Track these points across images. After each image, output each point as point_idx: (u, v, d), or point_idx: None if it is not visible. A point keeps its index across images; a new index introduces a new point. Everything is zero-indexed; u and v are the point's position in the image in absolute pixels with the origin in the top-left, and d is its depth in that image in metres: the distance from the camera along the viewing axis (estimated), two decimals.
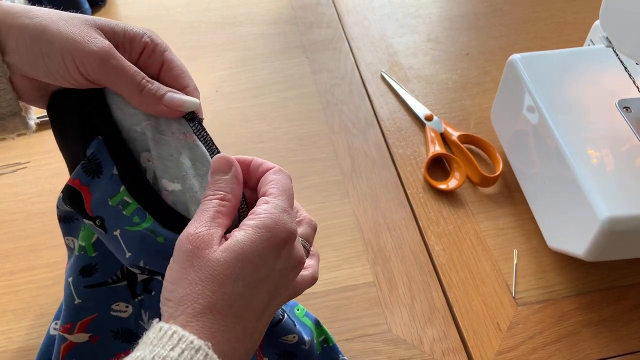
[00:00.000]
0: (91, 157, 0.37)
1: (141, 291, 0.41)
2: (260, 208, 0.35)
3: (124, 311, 0.41)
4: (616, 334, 0.54)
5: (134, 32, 0.38)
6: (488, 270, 0.59)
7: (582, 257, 0.52)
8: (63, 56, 0.35)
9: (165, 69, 0.39)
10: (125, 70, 0.36)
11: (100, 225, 0.37)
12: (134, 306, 0.42)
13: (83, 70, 0.35)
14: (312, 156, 0.69)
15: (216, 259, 0.32)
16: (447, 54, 0.83)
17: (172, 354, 0.29)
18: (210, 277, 0.32)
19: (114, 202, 0.37)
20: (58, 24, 0.35)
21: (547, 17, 0.89)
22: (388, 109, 0.75)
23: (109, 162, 0.37)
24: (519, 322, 0.55)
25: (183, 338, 0.30)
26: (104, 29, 0.36)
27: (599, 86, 0.60)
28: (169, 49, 0.40)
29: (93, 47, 0.35)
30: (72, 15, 0.36)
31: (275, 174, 0.38)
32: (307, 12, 0.90)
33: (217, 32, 0.86)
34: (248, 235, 0.33)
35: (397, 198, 0.65)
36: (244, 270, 0.32)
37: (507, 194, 0.65)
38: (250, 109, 0.75)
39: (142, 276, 0.41)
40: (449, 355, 0.53)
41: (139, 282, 0.41)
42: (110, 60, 0.35)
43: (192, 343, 0.30)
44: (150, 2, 0.91)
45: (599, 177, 0.52)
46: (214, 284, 0.32)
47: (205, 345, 0.30)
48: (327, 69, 0.80)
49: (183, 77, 0.39)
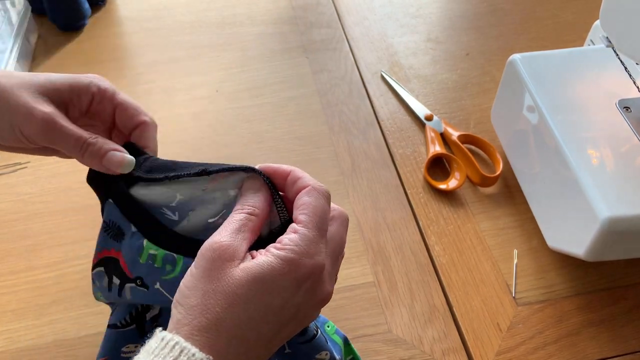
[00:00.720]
0: (109, 222, 0.38)
1: (150, 328, 0.41)
2: (288, 238, 0.34)
3: (133, 351, 0.41)
4: (616, 334, 0.54)
5: (79, 85, 0.39)
6: (488, 270, 0.59)
7: (582, 257, 0.52)
8: (12, 126, 0.36)
9: (119, 111, 0.40)
10: (68, 136, 0.37)
11: (142, 284, 0.38)
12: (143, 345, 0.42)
13: (30, 138, 0.37)
14: (312, 156, 0.69)
15: (233, 275, 0.32)
16: (447, 54, 0.83)
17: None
18: (223, 292, 0.31)
19: (144, 258, 0.37)
20: (5, 93, 0.36)
21: (547, 17, 0.89)
22: (388, 109, 0.75)
23: (125, 222, 0.38)
24: (519, 322, 0.55)
25: (185, 350, 0.29)
26: (47, 91, 0.37)
27: (599, 86, 0.60)
28: (118, 92, 0.41)
29: (36, 116, 0.36)
30: (18, 80, 0.37)
31: (309, 195, 0.36)
32: (307, 12, 0.90)
33: (217, 32, 0.86)
34: (269, 262, 0.32)
35: (397, 198, 0.65)
36: (257, 295, 0.31)
37: (507, 194, 0.66)
38: (250, 109, 0.75)
39: (150, 313, 0.41)
40: (449, 355, 0.53)
41: (148, 320, 0.41)
42: (52, 127, 0.36)
43: (193, 356, 0.29)
44: (150, 2, 0.91)
45: (599, 177, 0.52)
46: (225, 301, 0.31)
47: (207, 359, 0.30)
48: (327, 69, 0.80)
49: (137, 114, 0.40)
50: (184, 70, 0.80)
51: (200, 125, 0.72)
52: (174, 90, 0.77)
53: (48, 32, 0.85)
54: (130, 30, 0.86)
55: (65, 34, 0.85)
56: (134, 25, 0.87)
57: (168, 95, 0.76)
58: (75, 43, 0.84)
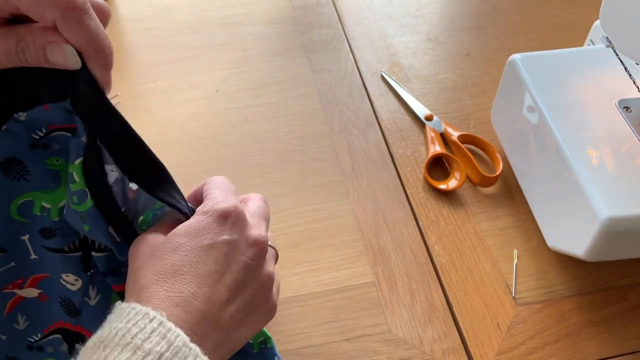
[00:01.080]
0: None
1: (94, 265, 0.40)
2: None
3: (73, 284, 0.40)
4: (616, 334, 0.54)
5: None
6: (488, 270, 0.59)
7: (582, 257, 0.52)
8: None
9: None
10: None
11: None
12: (83, 280, 0.41)
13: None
14: (312, 156, 0.69)
15: (156, 243, 0.35)
16: (447, 54, 0.83)
17: (127, 325, 0.29)
18: (151, 256, 0.34)
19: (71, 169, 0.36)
20: None
21: (547, 17, 0.89)
22: (388, 109, 0.75)
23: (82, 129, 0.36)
24: (519, 322, 0.55)
25: (139, 311, 0.30)
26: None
27: (599, 86, 0.60)
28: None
29: None
30: None
31: (209, 180, 0.40)
32: (307, 12, 0.90)
33: (217, 32, 0.86)
34: (188, 221, 0.36)
35: (397, 198, 0.65)
36: (181, 241, 0.34)
37: (507, 194, 0.66)
38: (250, 109, 0.75)
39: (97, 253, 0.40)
40: (449, 355, 0.53)
41: (93, 257, 0.40)
42: None
43: (147, 314, 0.30)
44: (150, 2, 0.91)
45: (599, 177, 0.52)
46: (155, 260, 0.33)
47: (159, 314, 0.30)
48: (327, 69, 0.80)
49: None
50: (184, 70, 0.80)
51: (200, 125, 0.72)
52: (174, 91, 0.77)
53: None
54: (130, 30, 0.86)
55: None
56: (133, 25, 0.87)
57: (168, 96, 0.76)
58: None
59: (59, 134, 0.37)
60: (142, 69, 0.80)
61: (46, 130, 0.37)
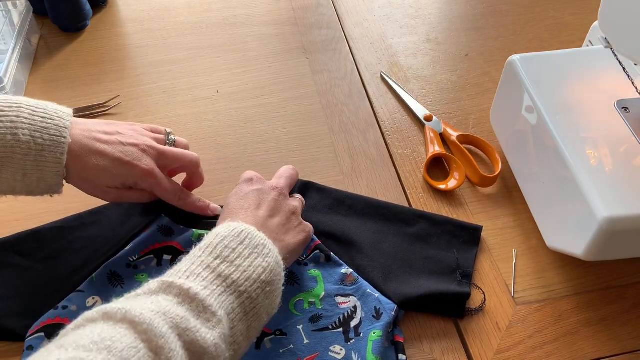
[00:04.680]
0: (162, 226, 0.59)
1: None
2: None
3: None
4: (614, 334, 0.55)
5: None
6: (487, 269, 0.59)
7: (580, 256, 0.53)
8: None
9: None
10: (165, 183, 0.56)
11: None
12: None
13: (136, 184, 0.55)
14: (312, 156, 0.70)
15: (228, 207, 0.53)
16: (447, 55, 0.83)
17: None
18: (226, 211, 0.53)
19: (195, 237, 0.59)
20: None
21: (546, 18, 0.89)
22: (388, 109, 0.75)
23: (175, 225, 0.59)
24: (518, 321, 0.55)
25: (238, 227, 0.47)
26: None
27: (598, 87, 0.61)
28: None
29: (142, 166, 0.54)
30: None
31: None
32: (307, 13, 0.90)
33: (218, 33, 0.86)
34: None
35: (397, 198, 0.65)
36: (230, 200, 0.54)
37: (506, 194, 0.66)
38: (251, 110, 0.75)
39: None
40: (448, 354, 0.53)
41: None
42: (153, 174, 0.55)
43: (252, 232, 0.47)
44: (151, 3, 0.91)
45: (598, 177, 0.52)
46: (226, 210, 0.53)
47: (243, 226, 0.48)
48: (327, 70, 0.81)
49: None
50: (184, 71, 0.80)
51: (201, 125, 0.72)
52: (174, 91, 0.77)
53: (50, 33, 0.85)
54: (132, 31, 0.86)
55: (66, 35, 0.85)
56: (135, 26, 0.87)
57: (169, 96, 0.76)
58: (76, 44, 0.84)
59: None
60: (143, 69, 0.80)
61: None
